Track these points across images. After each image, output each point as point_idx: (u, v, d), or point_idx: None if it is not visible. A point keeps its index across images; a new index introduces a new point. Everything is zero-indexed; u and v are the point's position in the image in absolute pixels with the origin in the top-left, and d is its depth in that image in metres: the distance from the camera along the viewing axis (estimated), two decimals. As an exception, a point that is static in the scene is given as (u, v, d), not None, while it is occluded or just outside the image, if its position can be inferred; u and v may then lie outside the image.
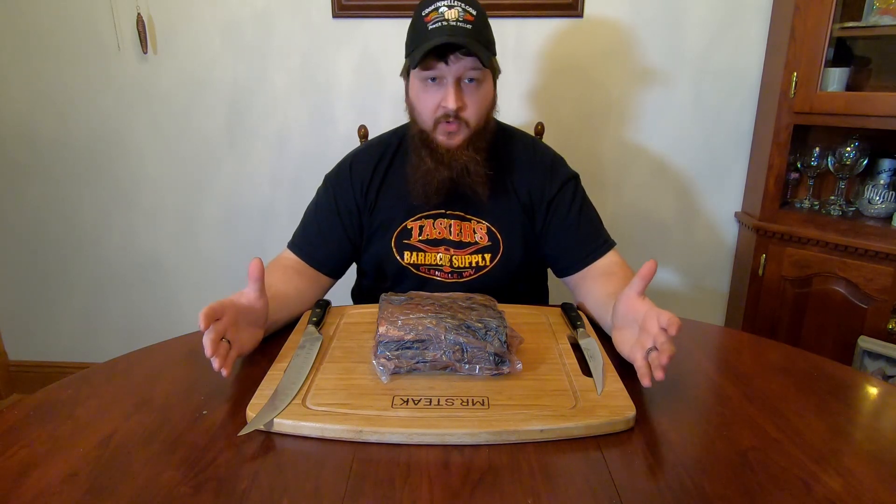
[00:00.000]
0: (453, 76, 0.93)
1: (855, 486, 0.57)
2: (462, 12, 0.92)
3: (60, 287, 1.97)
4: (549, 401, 0.69)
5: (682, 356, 0.86)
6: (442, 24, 0.92)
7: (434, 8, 0.93)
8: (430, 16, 0.93)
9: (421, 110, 0.98)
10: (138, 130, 1.80)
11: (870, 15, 1.43)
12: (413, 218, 1.04)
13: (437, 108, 0.96)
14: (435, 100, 0.95)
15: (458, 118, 0.96)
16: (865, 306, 1.44)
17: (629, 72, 1.68)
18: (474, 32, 0.93)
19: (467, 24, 0.92)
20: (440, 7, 0.93)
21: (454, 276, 1.05)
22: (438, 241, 1.04)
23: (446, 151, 0.98)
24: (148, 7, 1.67)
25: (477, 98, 0.96)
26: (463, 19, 0.92)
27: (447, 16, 0.92)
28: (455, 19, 0.92)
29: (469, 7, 0.94)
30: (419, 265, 1.05)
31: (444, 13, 0.92)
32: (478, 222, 1.04)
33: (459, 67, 0.92)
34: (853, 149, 1.50)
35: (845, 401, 0.75)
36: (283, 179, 1.82)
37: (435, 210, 1.04)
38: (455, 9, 0.92)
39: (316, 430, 0.64)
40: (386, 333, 0.74)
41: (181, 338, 0.90)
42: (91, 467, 0.59)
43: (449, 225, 1.04)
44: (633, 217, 1.81)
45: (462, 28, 0.92)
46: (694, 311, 1.88)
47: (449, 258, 1.04)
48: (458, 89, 0.94)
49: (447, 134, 0.97)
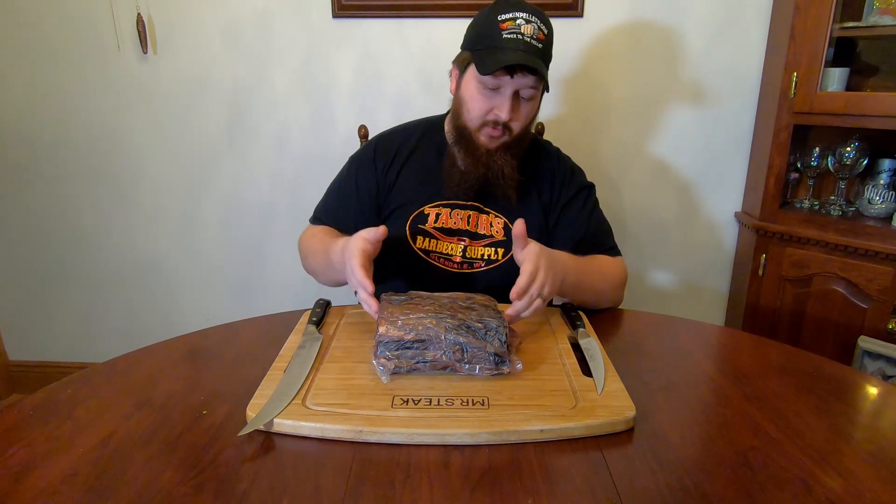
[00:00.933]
0: (512, 88, 0.95)
1: (855, 486, 0.57)
2: (537, 30, 0.94)
3: (60, 287, 1.97)
4: (549, 401, 0.69)
5: (682, 356, 0.87)
6: (517, 36, 0.92)
7: (512, 17, 0.93)
8: (507, 24, 0.93)
9: (471, 109, 1.00)
10: (138, 130, 1.80)
11: (870, 15, 1.43)
12: (431, 204, 1.06)
13: (488, 112, 0.98)
14: (488, 105, 0.97)
15: (505, 126, 0.98)
16: (865, 306, 1.44)
17: (629, 72, 1.68)
18: (543, 52, 0.95)
19: (539, 42, 0.94)
20: (518, 19, 0.93)
21: (464, 267, 1.06)
22: (453, 230, 1.06)
23: (486, 152, 1.01)
24: (148, 7, 1.67)
25: (526, 111, 1.00)
26: (537, 38, 0.94)
27: (523, 30, 0.93)
28: (530, 35, 0.93)
29: (544, 26, 0.95)
30: (430, 251, 1.06)
31: (521, 27, 0.93)
32: (496, 216, 1.07)
33: (520, 83, 0.94)
34: (853, 149, 1.50)
35: (845, 401, 0.75)
36: (283, 179, 1.82)
37: (455, 199, 1.06)
38: (532, 24, 0.93)
39: (316, 430, 0.64)
40: (386, 333, 0.74)
41: (181, 338, 0.90)
42: (91, 467, 0.59)
43: (467, 216, 1.06)
44: (633, 217, 1.81)
45: (534, 46, 0.93)
46: (694, 311, 1.88)
47: (462, 248, 1.06)
48: (515, 102, 0.97)
49: (490, 138, 1.00)
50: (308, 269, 1.11)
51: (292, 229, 1.13)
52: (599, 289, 1.02)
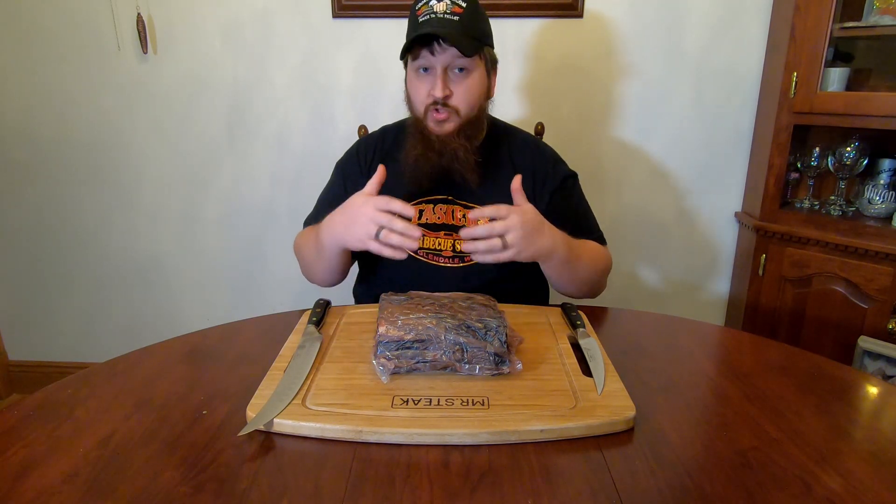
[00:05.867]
0: (441, 65, 0.98)
1: (855, 486, 0.57)
2: (450, 5, 0.97)
3: (60, 287, 1.97)
4: (549, 401, 0.69)
5: (682, 356, 0.87)
6: (430, 16, 0.97)
7: (425, 2, 0.99)
8: (422, 9, 1.00)
9: (413, 98, 1.04)
10: (138, 130, 1.80)
11: (870, 15, 1.43)
12: (414, 202, 1.07)
13: (427, 95, 1.00)
14: (425, 88, 1.00)
15: (446, 106, 1.00)
16: (865, 306, 1.44)
17: (629, 72, 1.68)
18: (461, 24, 0.97)
19: (455, 15, 0.97)
20: (430, 1, 0.98)
21: (456, 261, 1.06)
22: (439, 225, 1.07)
23: (437, 138, 1.02)
24: (148, 7, 1.67)
25: (464, 86, 1.00)
26: (451, 11, 0.97)
27: (435, 8, 0.98)
28: (443, 12, 0.97)
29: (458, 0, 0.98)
30: (418, 248, 1.06)
31: (434, 6, 0.98)
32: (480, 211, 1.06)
33: (446, 57, 0.97)
34: (853, 149, 1.50)
35: (845, 401, 0.75)
36: (283, 179, 1.82)
37: (436, 195, 1.07)
38: (444, 2, 0.97)
39: (316, 430, 0.64)
40: (386, 333, 0.74)
41: (181, 338, 0.90)
42: (91, 467, 0.59)
43: (451, 210, 1.07)
44: (633, 217, 1.81)
45: (448, 20, 0.97)
46: (694, 311, 1.88)
47: (451, 242, 1.06)
48: (446, 78, 0.99)
49: (437, 122, 1.02)
50: (303, 268, 1.11)
51: (292, 229, 1.13)
52: (589, 271, 1.03)
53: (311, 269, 1.08)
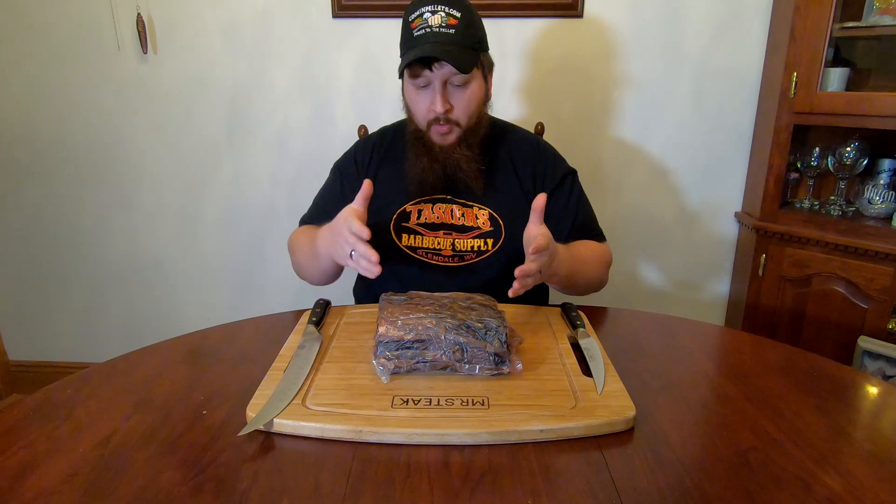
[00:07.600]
0: (440, 80, 0.97)
1: (855, 486, 0.57)
2: (445, 17, 0.95)
3: (60, 287, 1.97)
4: (549, 401, 0.69)
5: (682, 356, 0.87)
6: (426, 30, 0.95)
7: (419, 14, 0.96)
8: (415, 22, 0.96)
9: (415, 112, 1.03)
10: (138, 130, 1.80)
11: (870, 15, 1.43)
12: (412, 202, 1.07)
13: (428, 111, 1.00)
14: (426, 103, 1.00)
15: (448, 120, 1.00)
16: (865, 306, 1.44)
17: (629, 72, 1.68)
18: (457, 36, 0.95)
19: (450, 28, 0.95)
20: (424, 13, 0.96)
21: (455, 260, 1.06)
22: (437, 225, 1.07)
23: (440, 150, 1.02)
24: (148, 7, 1.67)
25: (464, 99, 1.00)
26: (446, 24, 0.95)
27: (430, 22, 0.95)
28: (438, 25, 0.95)
29: (452, 10, 0.95)
30: (416, 248, 1.07)
31: (428, 19, 0.95)
32: (480, 208, 1.07)
33: (445, 73, 0.96)
34: (853, 149, 1.50)
35: (845, 401, 0.75)
36: (283, 179, 1.82)
37: (435, 195, 1.07)
38: (438, 14, 0.95)
39: (316, 430, 0.64)
40: (386, 333, 0.74)
41: (181, 338, 0.90)
42: (91, 467, 0.59)
43: (451, 209, 1.07)
44: (633, 217, 1.81)
45: (444, 34, 0.94)
46: (694, 311, 1.88)
47: (451, 241, 1.06)
48: (445, 92, 0.98)
49: (440, 135, 1.02)
50: (295, 266, 1.11)
51: (292, 229, 1.13)
52: (588, 277, 1.04)
53: (305, 269, 1.08)
